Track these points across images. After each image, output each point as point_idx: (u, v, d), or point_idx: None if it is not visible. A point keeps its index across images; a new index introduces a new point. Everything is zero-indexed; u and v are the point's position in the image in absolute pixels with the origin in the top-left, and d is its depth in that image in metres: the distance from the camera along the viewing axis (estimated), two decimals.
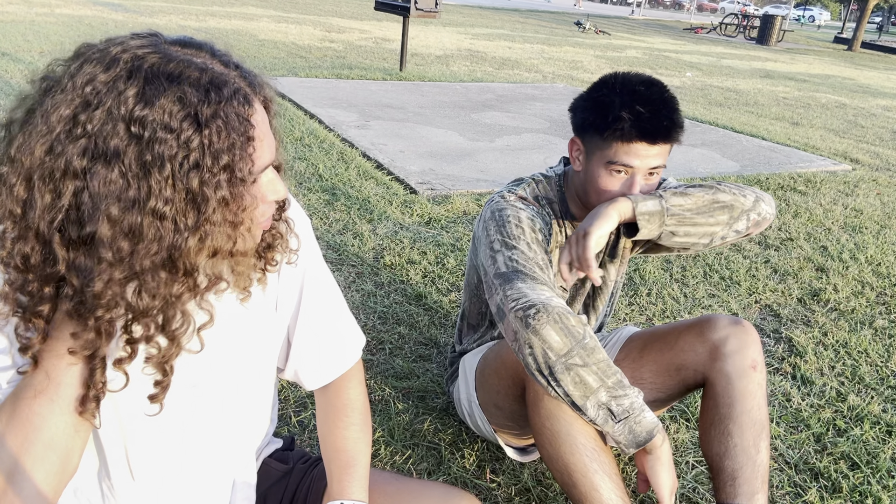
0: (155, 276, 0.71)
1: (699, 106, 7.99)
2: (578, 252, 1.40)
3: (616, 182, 1.45)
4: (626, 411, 1.25)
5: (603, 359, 1.26)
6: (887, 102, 10.31)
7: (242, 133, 0.73)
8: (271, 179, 0.81)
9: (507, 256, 1.41)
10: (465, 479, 1.71)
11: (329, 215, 3.35)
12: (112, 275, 0.70)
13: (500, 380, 1.50)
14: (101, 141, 0.68)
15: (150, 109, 0.68)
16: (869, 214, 4.25)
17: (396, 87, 7.15)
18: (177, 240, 0.71)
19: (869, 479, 1.84)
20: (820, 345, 2.55)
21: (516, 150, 5.08)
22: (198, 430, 0.97)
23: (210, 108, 0.70)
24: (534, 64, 10.67)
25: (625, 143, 1.41)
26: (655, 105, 1.41)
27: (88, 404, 0.77)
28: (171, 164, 0.68)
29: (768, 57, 16.82)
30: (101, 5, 11.68)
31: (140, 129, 0.68)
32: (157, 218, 0.69)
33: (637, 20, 29.06)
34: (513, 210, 1.48)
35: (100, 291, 0.70)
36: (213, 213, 0.72)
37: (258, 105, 0.78)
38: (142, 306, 0.72)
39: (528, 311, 1.28)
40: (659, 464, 1.30)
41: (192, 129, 0.69)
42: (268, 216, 0.83)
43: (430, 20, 15.63)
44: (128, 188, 0.68)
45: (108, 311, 0.71)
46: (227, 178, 0.72)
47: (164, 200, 0.69)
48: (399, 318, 2.44)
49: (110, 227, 0.68)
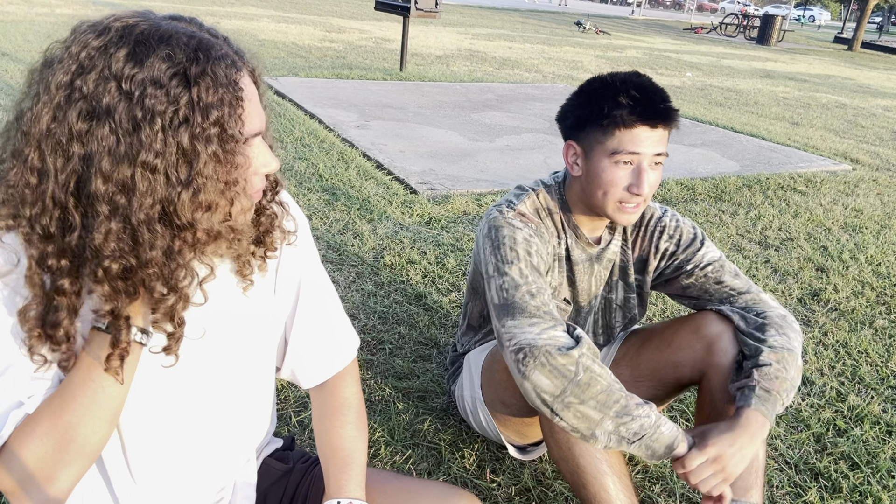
0: (152, 229, 0.74)
1: (699, 106, 7.98)
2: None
3: (623, 173, 1.41)
4: (637, 433, 1.24)
5: (601, 390, 1.23)
6: (887, 102, 10.31)
7: (231, 92, 0.75)
8: (261, 150, 0.83)
9: (499, 285, 1.39)
10: (465, 479, 1.71)
11: (329, 215, 3.35)
12: (109, 227, 0.72)
13: (507, 377, 1.49)
14: (96, 101, 0.70)
15: (140, 68, 0.71)
16: (869, 214, 4.25)
17: (396, 87, 7.15)
18: (170, 193, 0.73)
19: (869, 479, 1.84)
20: (820, 345, 2.55)
21: (516, 150, 5.08)
22: (198, 430, 0.97)
23: (198, 67, 0.73)
24: (534, 64, 10.67)
25: (627, 128, 1.38)
26: (648, 90, 1.40)
27: (113, 361, 0.79)
28: (161, 118, 0.71)
29: (768, 57, 16.82)
30: (102, 5, 11.67)
31: (130, 87, 0.70)
32: (149, 171, 0.71)
33: (637, 20, 29.06)
34: (509, 230, 1.46)
35: (100, 244, 0.72)
36: (205, 166, 0.74)
37: (246, 73, 0.80)
38: (144, 258, 0.74)
39: (517, 356, 1.27)
40: (697, 465, 1.26)
41: (181, 85, 0.72)
42: (259, 189, 0.84)
43: (430, 20, 15.63)
44: (118, 143, 0.70)
45: (114, 262, 0.73)
46: (217, 133, 0.74)
47: (155, 153, 0.71)
48: (399, 318, 2.44)
49: (104, 182, 0.71)
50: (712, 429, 1.30)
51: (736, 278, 1.55)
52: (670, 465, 1.80)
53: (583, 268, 1.60)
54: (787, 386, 1.37)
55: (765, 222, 3.87)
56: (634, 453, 1.26)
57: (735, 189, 4.47)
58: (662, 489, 1.74)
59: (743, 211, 4.04)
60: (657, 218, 1.62)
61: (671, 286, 1.64)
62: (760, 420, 1.31)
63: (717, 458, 1.26)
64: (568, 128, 1.50)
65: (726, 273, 1.56)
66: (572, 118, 1.48)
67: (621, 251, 1.64)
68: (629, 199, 1.43)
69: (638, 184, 1.40)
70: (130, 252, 0.74)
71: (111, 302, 0.76)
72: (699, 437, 1.29)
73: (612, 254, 1.63)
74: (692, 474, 1.26)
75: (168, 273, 0.77)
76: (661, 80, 9.97)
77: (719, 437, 1.27)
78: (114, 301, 0.76)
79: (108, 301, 0.76)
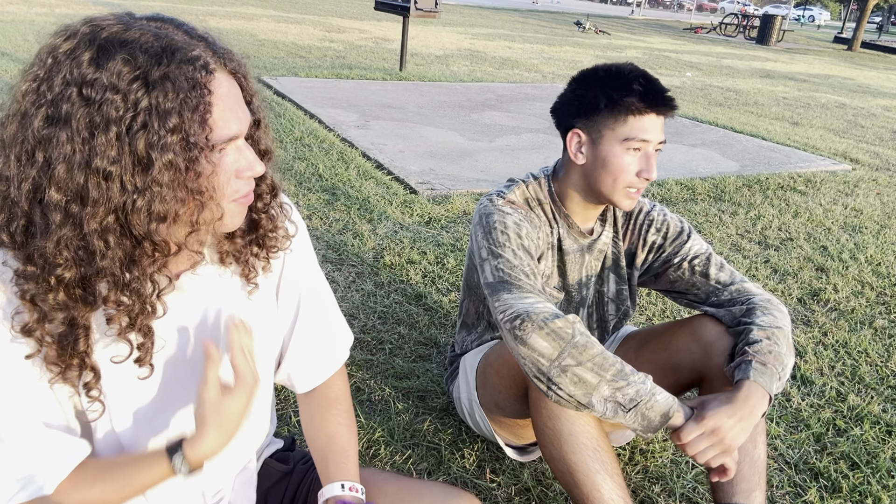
0: (104, 238, 0.72)
1: (699, 106, 7.98)
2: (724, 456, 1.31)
3: (633, 159, 1.46)
4: (633, 399, 1.24)
5: (597, 353, 1.25)
6: (887, 102, 10.31)
7: (196, 97, 0.72)
8: (242, 153, 0.80)
9: (494, 266, 1.42)
10: (465, 479, 1.71)
11: (329, 215, 3.35)
12: (61, 234, 0.71)
13: (501, 379, 1.50)
14: (57, 107, 0.70)
15: (101, 72, 0.69)
16: (869, 214, 4.25)
17: (396, 87, 7.15)
18: (124, 200, 0.71)
19: (869, 478, 1.84)
20: (820, 345, 2.55)
21: (516, 150, 5.08)
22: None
23: (159, 71, 0.71)
24: (534, 64, 10.67)
25: (638, 115, 1.43)
26: (652, 80, 1.47)
27: (70, 371, 0.79)
28: (118, 125, 0.69)
29: (768, 57, 16.82)
30: (101, 5, 11.67)
31: (90, 92, 0.69)
32: (103, 178, 0.70)
33: (637, 20, 29.06)
34: (499, 215, 1.49)
35: (51, 252, 0.71)
36: (160, 174, 0.71)
37: (222, 74, 0.78)
38: (97, 266, 0.73)
39: (514, 322, 1.28)
40: (694, 437, 1.26)
41: (140, 90, 0.70)
42: (245, 192, 0.82)
43: (430, 20, 15.64)
44: (74, 151, 0.69)
45: (66, 270, 0.72)
46: (178, 140, 0.72)
47: (110, 160, 0.70)
48: (399, 318, 2.44)
49: (57, 191, 0.70)
50: (711, 400, 1.30)
51: (721, 271, 1.57)
52: (669, 437, 1.80)
53: (573, 258, 1.62)
54: (781, 360, 1.38)
55: (764, 222, 3.87)
56: (630, 426, 1.26)
57: (735, 189, 4.47)
58: (662, 489, 1.74)
59: (743, 211, 4.04)
60: (646, 212, 1.66)
61: (659, 281, 1.66)
62: (760, 392, 1.32)
63: (715, 430, 1.25)
64: (571, 114, 1.52)
65: (712, 266, 1.57)
66: (577, 106, 1.50)
67: (612, 243, 1.66)
68: (637, 185, 1.48)
69: (648, 168, 1.46)
70: (85, 261, 0.73)
71: (64, 311, 0.75)
72: (698, 408, 1.29)
73: (603, 245, 1.65)
74: (689, 446, 1.26)
75: (124, 283, 0.75)
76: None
77: (718, 409, 1.27)
78: (67, 310, 0.75)
79: (61, 310, 0.75)
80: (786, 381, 1.40)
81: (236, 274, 0.94)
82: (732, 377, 1.38)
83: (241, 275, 0.93)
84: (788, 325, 1.46)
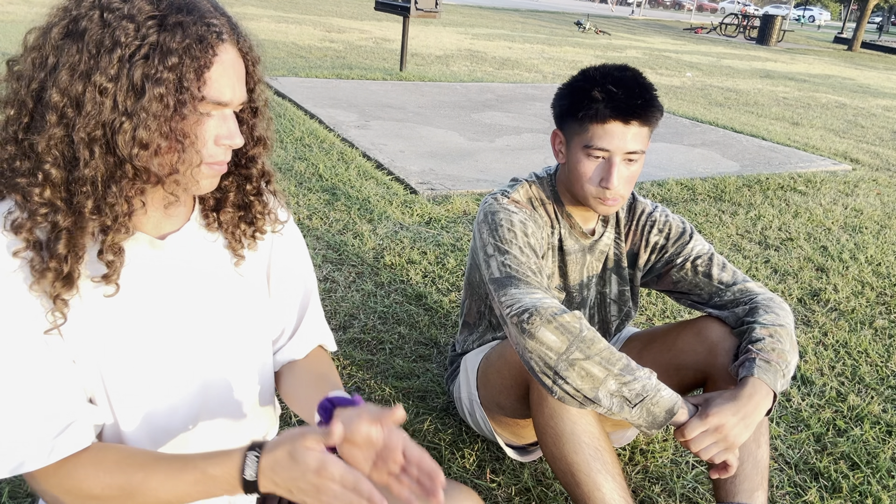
0: (90, 149, 0.78)
1: (699, 106, 7.98)
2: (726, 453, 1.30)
3: (594, 166, 1.44)
4: (639, 395, 1.24)
5: (604, 347, 1.25)
6: (887, 102, 10.31)
7: (200, 50, 0.79)
8: (226, 121, 0.85)
9: (500, 262, 1.42)
10: (466, 479, 1.71)
11: (329, 215, 3.35)
12: (52, 132, 0.77)
13: (502, 379, 1.50)
14: (76, 23, 0.77)
15: (126, 4, 0.77)
16: (869, 214, 4.25)
17: (396, 87, 7.15)
18: (112, 118, 0.77)
19: (869, 479, 1.84)
20: (820, 345, 2.55)
21: (516, 150, 5.08)
22: (200, 429, 0.97)
23: (176, 18, 0.78)
24: (534, 64, 10.67)
25: (600, 123, 1.40)
26: (629, 85, 1.41)
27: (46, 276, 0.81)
28: (123, 49, 0.76)
29: (768, 57, 16.82)
30: None
31: (110, 17, 0.76)
32: (99, 92, 0.76)
33: (637, 20, 29.06)
34: (505, 213, 1.49)
35: (43, 149, 0.78)
36: (150, 104, 0.77)
37: (232, 48, 0.84)
38: (78, 174, 0.79)
39: (521, 317, 1.28)
40: (698, 434, 1.26)
41: (153, 28, 0.77)
42: (219, 160, 0.87)
43: (430, 20, 15.64)
44: (79, 62, 0.76)
45: (53, 167, 0.78)
46: (172, 79, 0.78)
47: (108, 78, 0.76)
48: (399, 318, 2.44)
49: (57, 93, 0.77)
50: (716, 397, 1.31)
51: (723, 271, 1.57)
52: (672, 433, 1.81)
53: (575, 258, 1.62)
54: (785, 358, 1.37)
55: (765, 222, 3.88)
56: (634, 422, 1.26)
57: (735, 189, 4.47)
58: (663, 489, 1.74)
59: (743, 211, 4.05)
60: (648, 213, 1.65)
61: (662, 282, 1.66)
62: (765, 389, 1.32)
63: (719, 428, 1.26)
64: (555, 117, 1.54)
65: (715, 266, 1.57)
66: (557, 108, 1.51)
67: (614, 244, 1.66)
68: (599, 194, 1.46)
69: (607, 178, 1.42)
70: (70, 165, 0.79)
71: (49, 209, 0.79)
72: (702, 405, 1.29)
73: (604, 246, 1.65)
74: (693, 443, 1.26)
75: (102, 195, 0.80)
76: (661, 80, 9.98)
77: (722, 406, 1.27)
78: (52, 210, 0.79)
79: (46, 207, 0.79)
80: (790, 378, 1.40)
81: (224, 247, 0.99)
82: (736, 376, 1.38)
83: (228, 247, 0.98)
84: (791, 323, 1.46)
